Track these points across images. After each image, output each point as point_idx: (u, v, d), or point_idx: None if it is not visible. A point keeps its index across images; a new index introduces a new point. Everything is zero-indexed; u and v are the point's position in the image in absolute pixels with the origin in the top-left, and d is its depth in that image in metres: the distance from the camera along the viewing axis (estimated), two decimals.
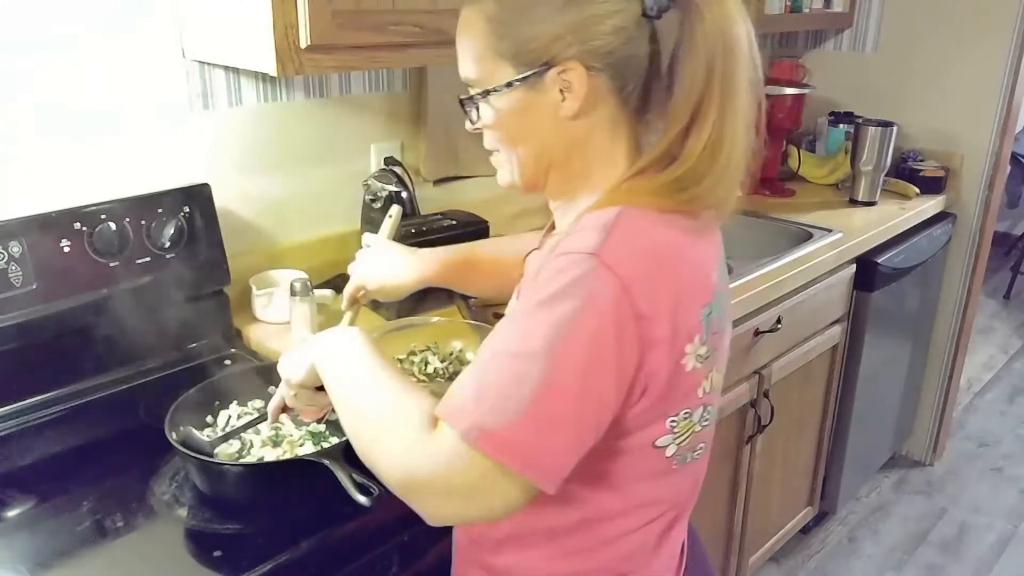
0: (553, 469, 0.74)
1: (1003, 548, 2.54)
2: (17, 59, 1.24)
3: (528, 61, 0.79)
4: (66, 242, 1.25)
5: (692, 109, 0.76)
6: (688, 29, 0.76)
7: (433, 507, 0.77)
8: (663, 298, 0.74)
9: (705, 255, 0.82)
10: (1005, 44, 2.42)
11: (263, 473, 1.05)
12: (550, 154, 0.84)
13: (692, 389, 0.81)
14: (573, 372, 0.72)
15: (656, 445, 0.82)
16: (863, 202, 2.41)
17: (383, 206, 1.59)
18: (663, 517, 0.90)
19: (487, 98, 0.83)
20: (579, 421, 0.74)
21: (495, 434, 0.71)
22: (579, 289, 0.72)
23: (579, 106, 0.79)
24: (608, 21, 0.76)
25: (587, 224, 0.77)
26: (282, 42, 1.17)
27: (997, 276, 4.57)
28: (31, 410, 1.24)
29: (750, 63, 0.77)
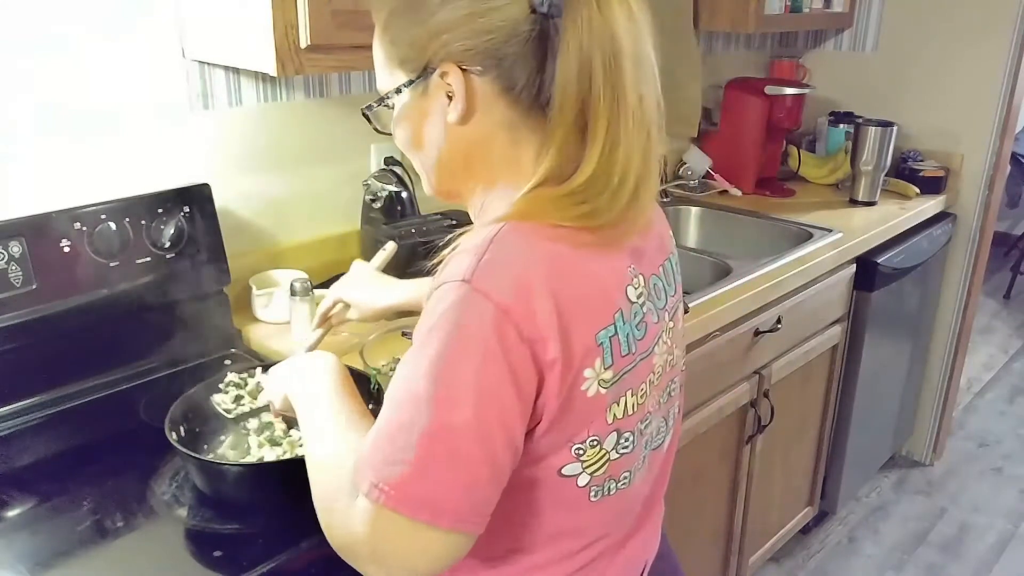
0: (469, 511, 0.70)
1: (1003, 548, 2.54)
2: (17, 59, 1.24)
3: (413, 66, 0.77)
4: (66, 242, 1.25)
5: (575, 112, 0.71)
6: (562, 26, 0.70)
7: (373, 573, 0.74)
8: (548, 319, 0.69)
9: (606, 272, 0.76)
10: (1005, 44, 2.42)
11: (263, 473, 1.05)
12: (450, 161, 0.81)
13: (597, 414, 0.76)
14: (466, 410, 0.68)
15: (563, 474, 0.77)
16: (863, 202, 2.41)
17: (383, 206, 1.59)
18: (596, 544, 0.85)
19: (381, 105, 0.82)
20: (485, 456, 0.69)
21: (397, 488, 0.68)
22: (455, 320, 0.68)
23: (463, 109, 0.75)
24: (485, 19, 0.72)
25: (463, 246, 0.73)
26: (282, 42, 1.17)
27: (997, 276, 4.57)
28: (31, 410, 1.24)
29: (639, 66, 0.73)
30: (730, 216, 2.32)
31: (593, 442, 0.77)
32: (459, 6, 0.73)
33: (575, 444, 0.76)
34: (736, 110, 2.45)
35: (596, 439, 0.77)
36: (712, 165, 2.50)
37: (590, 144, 0.72)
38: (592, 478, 0.79)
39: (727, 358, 1.78)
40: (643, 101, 0.73)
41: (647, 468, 0.87)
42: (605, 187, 0.72)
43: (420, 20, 0.75)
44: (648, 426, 0.84)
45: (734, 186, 2.47)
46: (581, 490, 0.79)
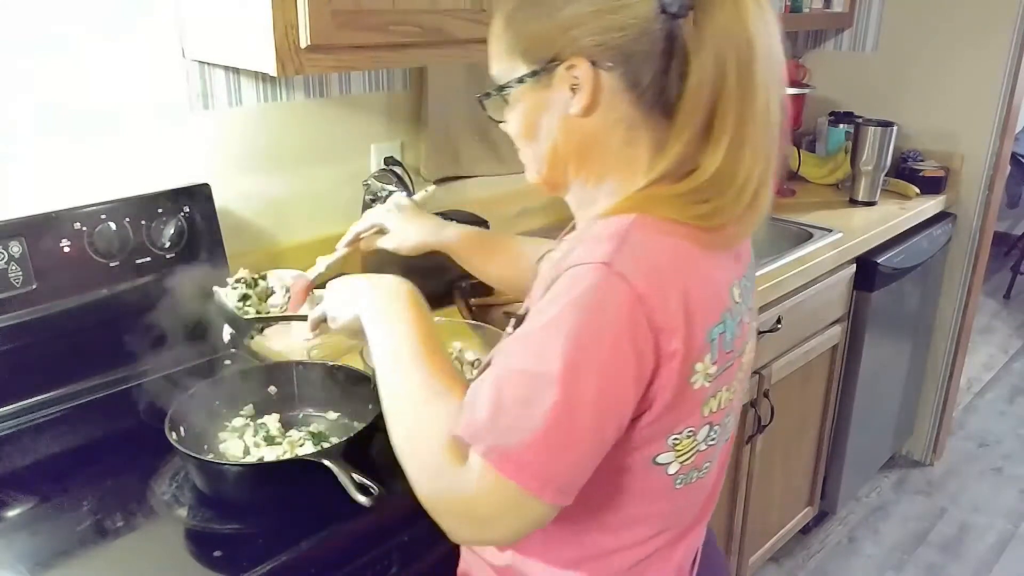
0: (570, 485, 0.73)
1: (1003, 548, 2.54)
2: (17, 59, 1.24)
3: (538, 57, 0.78)
4: (66, 242, 1.25)
5: (705, 112, 0.73)
6: (698, 27, 0.72)
7: (456, 529, 0.78)
8: (677, 311, 0.72)
9: (719, 271, 0.79)
10: (1005, 44, 2.42)
11: (263, 473, 1.05)
12: (565, 153, 0.82)
13: (696, 407, 0.78)
14: (590, 389, 0.70)
15: (656, 462, 0.80)
16: (863, 202, 2.41)
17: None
18: (665, 534, 0.88)
19: (501, 94, 0.83)
20: (596, 435, 0.72)
21: (514, 456, 0.71)
22: (592, 301, 0.70)
23: (587, 103, 0.77)
24: (617, 15, 0.74)
25: (598, 233, 0.75)
26: (282, 42, 1.17)
27: (997, 276, 4.57)
28: (31, 410, 1.24)
29: (771, 64, 0.74)
30: None
31: (689, 433, 0.79)
32: (591, 2, 0.74)
33: (672, 434, 0.79)
34: None
35: (692, 431, 0.80)
36: None
37: (714, 143, 0.73)
38: (681, 466, 0.81)
39: None
40: (770, 101, 0.74)
41: (717, 458, 0.90)
42: (728, 187, 0.74)
43: (548, 14, 0.76)
44: (728, 420, 0.87)
45: None
46: (668, 478, 0.81)
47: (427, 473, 0.78)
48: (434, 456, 0.76)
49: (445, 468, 0.75)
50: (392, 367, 0.84)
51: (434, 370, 0.82)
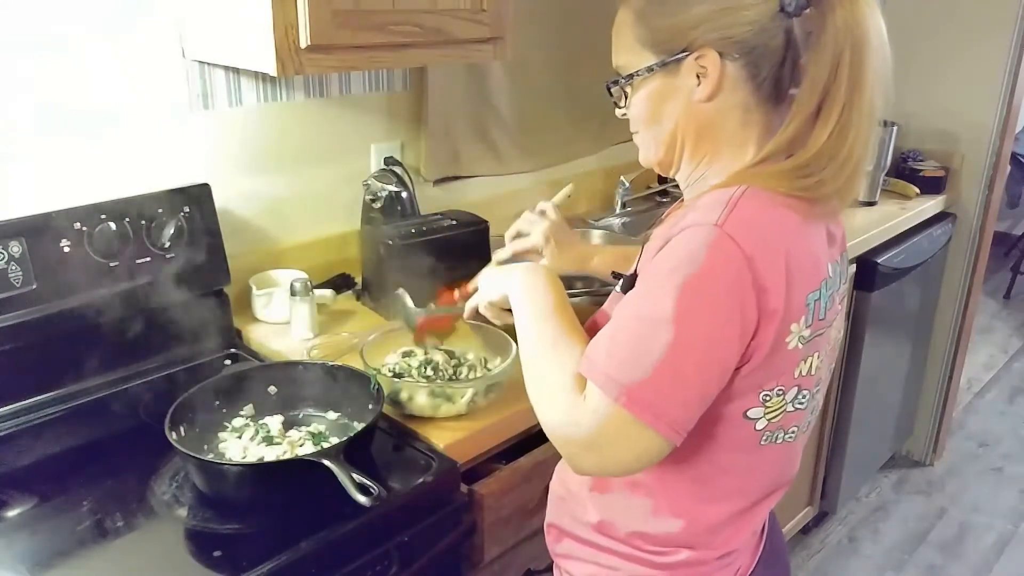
0: (679, 422, 0.80)
1: (1003, 548, 2.54)
2: (17, 59, 1.24)
3: (668, 49, 0.86)
4: (66, 242, 1.25)
5: (819, 99, 0.80)
6: (819, 23, 0.80)
7: (578, 460, 0.85)
8: (780, 273, 0.78)
9: (818, 243, 0.86)
10: (1005, 44, 2.42)
11: (263, 473, 1.05)
12: (684, 135, 0.90)
13: (789, 367, 0.85)
14: (699, 334, 0.78)
15: (747, 416, 0.86)
16: (863, 202, 2.41)
17: (383, 206, 1.59)
18: (747, 494, 0.94)
19: (630, 82, 0.90)
20: (703, 379, 0.80)
21: (631, 389, 0.78)
22: (704, 257, 0.77)
23: (712, 90, 0.85)
24: (745, 13, 0.82)
25: (710, 201, 0.82)
26: (282, 42, 1.17)
27: (997, 276, 4.57)
28: (31, 410, 1.24)
29: (880, 57, 0.81)
30: None
31: (779, 391, 0.86)
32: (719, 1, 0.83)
33: (764, 390, 0.85)
34: None
35: (781, 389, 0.86)
36: None
37: (820, 126, 0.81)
38: (768, 423, 0.88)
39: None
40: (875, 93, 0.82)
41: (807, 431, 0.97)
42: (830, 162, 0.81)
43: (681, 10, 0.84)
44: (818, 393, 0.93)
45: None
46: (756, 433, 0.88)
47: (553, 407, 0.86)
48: (558, 391, 0.85)
49: (568, 401, 0.83)
50: (531, 328, 0.94)
51: (565, 328, 0.91)
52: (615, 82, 0.92)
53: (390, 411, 1.22)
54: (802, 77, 0.83)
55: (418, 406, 1.21)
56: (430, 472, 1.11)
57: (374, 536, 1.05)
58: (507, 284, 1.02)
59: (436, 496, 1.12)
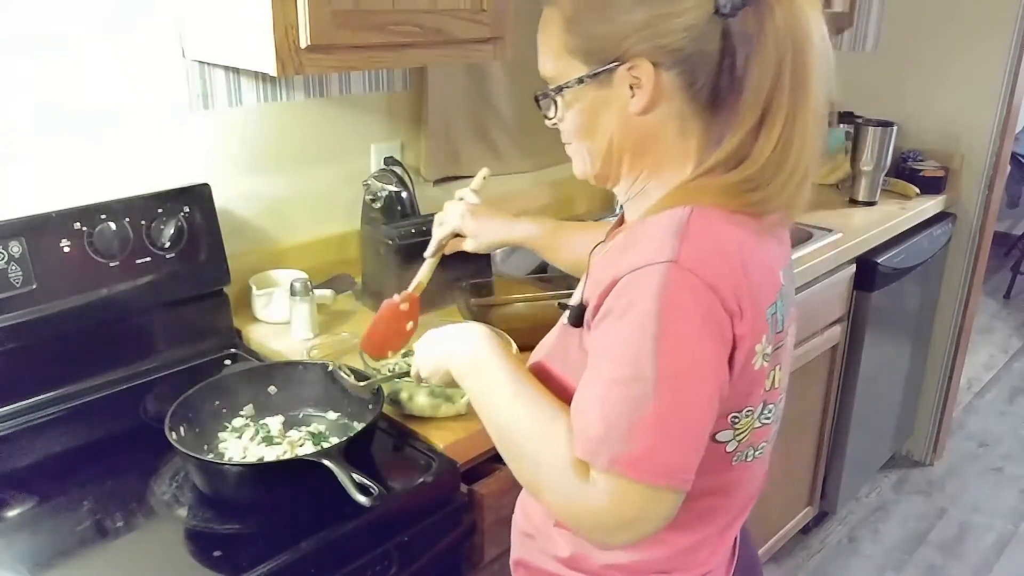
0: (692, 467, 0.77)
1: (1003, 548, 2.54)
2: (17, 59, 1.24)
3: (599, 58, 0.81)
4: (66, 242, 1.25)
5: (762, 107, 0.76)
6: (758, 26, 0.75)
7: (609, 540, 0.82)
8: (744, 296, 0.76)
9: (771, 255, 0.83)
10: (1005, 44, 2.42)
11: (263, 473, 1.05)
12: (620, 148, 0.85)
13: (757, 387, 0.82)
14: (689, 383, 0.74)
15: (716, 439, 0.83)
16: (863, 202, 2.41)
17: (383, 206, 1.59)
18: (721, 514, 0.91)
19: (560, 94, 0.85)
20: (702, 421, 0.77)
21: (639, 461, 0.74)
22: (669, 299, 0.73)
23: (647, 102, 0.80)
24: (679, 19, 0.77)
25: (657, 231, 0.77)
26: (282, 42, 1.17)
27: (997, 276, 4.56)
28: (31, 410, 1.24)
29: (824, 59, 0.77)
30: None
31: (748, 412, 0.83)
32: (651, 8, 0.77)
33: (733, 413, 0.82)
34: None
35: (751, 409, 0.83)
36: None
37: (765, 135, 0.77)
38: (739, 444, 0.85)
39: None
40: (820, 96, 0.77)
41: (772, 441, 0.93)
42: (776, 175, 0.77)
43: (612, 17, 0.79)
44: (781, 404, 0.91)
45: None
46: (728, 455, 0.85)
47: (563, 499, 0.80)
48: (562, 482, 0.79)
49: (578, 491, 0.78)
50: (498, 412, 0.87)
51: (538, 402, 0.84)
52: (544, 94, 0.87)
53: (390, 411, 1.22)
54: (743, 84, 0.77)
55: (418, 406, 1.21)
56: (430, 472, 1.11)
57: (374, 536, 1.05)
58: (450, 365, 0.95)
59: (436, 496, 1.12)
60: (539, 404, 0.84)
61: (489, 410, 0.88)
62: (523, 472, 0.85)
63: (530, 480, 0.85)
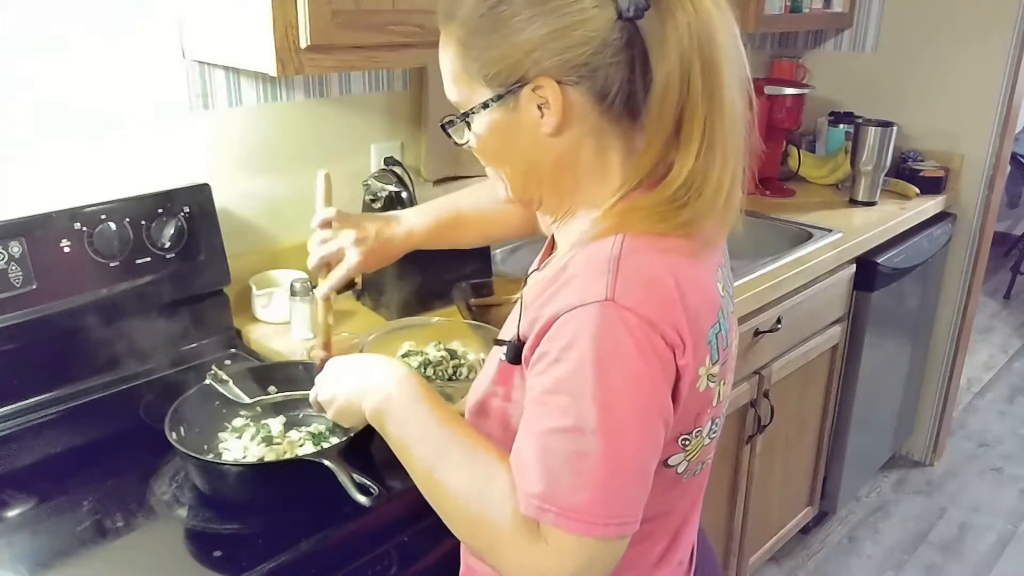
0: (638, 510, 0.75)
1: (1003, 548, 2.54)
2: (17, 59, 1.24)
3: (500, 81, 0.76)
4: (66, 242, 1.25)
5: (675, 114, 0.72)
6: (660, 29, 0.71)
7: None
8: (684, 326, 0.73)
9: (706, 274, 0.79)
10: (1005, 44, 2.42)
11: (263, 473, 1.05)
12: (538, 172, 0.81)
13: (705, 408, 0.80)
14: (632, 427, 0.72)
15: (668, 464, 0.81)
16: (863, 202, 2.41)
17: (383, 206, 1.58)
18: (668, 526, 0.89)
19: (467, 120, 0.80)
20: (648, 463, 0.75)
21: (585, 513, 0.71)
22: (607, 341, 0.70)
23: (557, 122, 0.76)
24: (577, 31, 0.72)
25: (589, 266, 0.73)
26: (282, 42, 1.17)
27: (997, 276, 4.57)
28: (31, 410, 1.24)
29: (736, 62, 0.73)
30: None
31: (697, 432, 0.81)
32: (548, 22, 0.72)
33: (683, 435, 0.80)
34: None
35: (700, 429, 0.82)
36: None
37: (684, 146, 0.73)
38: (689, 464, 0.84)
39: None
40: (737, 99, 0.74)
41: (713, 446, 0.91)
42: (703, 188, 0.73)
43: (506, 37, 0.74)
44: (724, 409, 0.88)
45: None
46: (678, 475, 0.84)
47: (511, 560, 0.76)
48: (510, 544, 0.76)
49: (528, 551, 0.74)
50: (426, 464, 0.82)
51: (472, 454, 0.80)
52: (450, 122, 0.82)
53: None
54: (652, 91, 0.72)
55: None
56: None
57: (374, 536, 1.05)
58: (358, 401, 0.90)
59: None
60: (474, 457, 0.80)
61: (416, 462, 0.83)
62: (463, 532, 0.81)
63: (471, 541, 0.81)
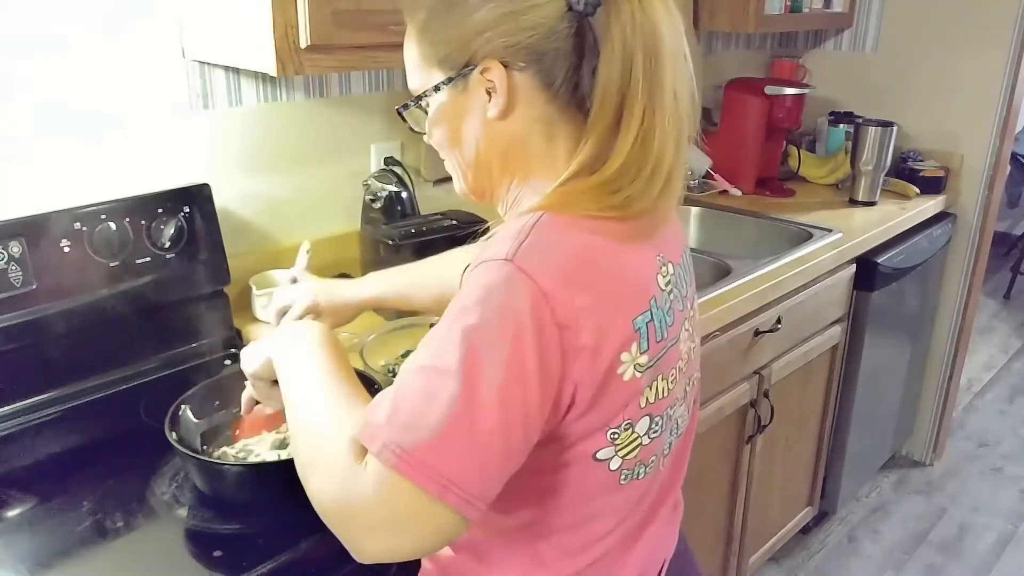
0: (473, 492, 0.69)
1: (1003, 548, 2.54)
2: (17, 59, 1.24)
3: (452, 64, 0.79)
4: (66, 242, 1.25)
5: (614, 108, 0.74)
6: (605, 23, 0.73)
7: (361, 542, 0.72)
8: (585, 305, 0.71)
9: (640, 261, 0.79)
10: (1005, 44, 2.42)
11: (263, 473, 1.05)
12: (488, 158, 0.83)
13: (632, 398, 0.77)
14: (491, 386, 0.68)
15: (597, 458, 0.78)
16: (863, 202, 2.41)
17: (383, 206, 1.59)
18: (619, 529, 0.86)
19: (419, 104, 0.83)
20: (500, 438, 0.69)
21: (412, 454, 0.67)
22: (494, 296, 0.69)
23: (503, 106, 0.78)
24: (526, 16, 0.75)
25: (504, 232, 0.74)
26: (282, 42, 1.17)
27: (997, 276, 4.57)
28: (31, 410, 1.24)
29: (679, 57, 0.75)
30: (730, 216, 2.32)
31: (627, 426, 0.79)
32: (499, 4, 0.75)
33: (610, 428, 0.78)
34: (736, 110, 2.45)
35: (630, 423, 0.79)
36: (712, 165, 2.50)
37: (622, 135, 0.74)
38: (624, 461, 0.80)
39: (727, 358, 1.78)
40: (679, 95, 0.75)
41: (671, 454, 0.89)
42: (637, 175, 0.74)
43: (460, 19, 0.77)
44: (675, 412, 0.86)
45: (734, 186, 2.48)
46: (612, 474, 0.80)
47: (328, 481, 0.73)
48: (332, 464, 0.73)
49: (344, 475, 0.71)
50: (299, 391, 0.83)
51: (344, 390, 0.80)
52: (405, 106, 0.84)
53: None
54: (596, 84, 0.75)
55: None
56: None
57: None
58: (267, 346, 0.91)
59: None
60: (344, 393, 0.80)
61: (292, 390, 0.83)
62: (299, 449, 0.79)
63: (303, 460, 0.78)
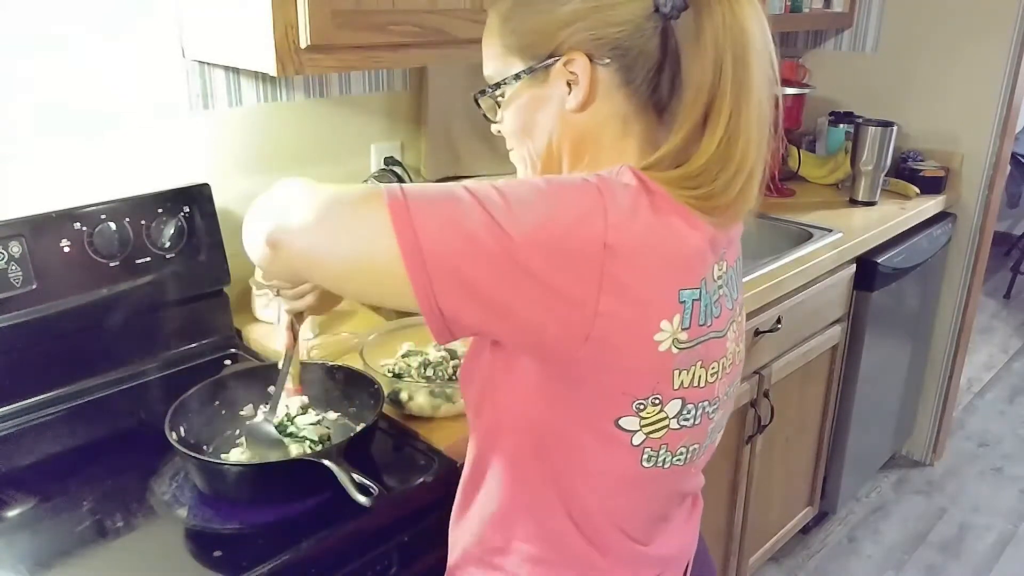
0: (435, 265, 0.68)
1: (1003, 548, 2.54)
2: (17, 59, 1.24)
3: (534, 53, 0.80)
4: (66, 242, 1.25)
5: (703, 108, 0.74)
6: (697, 25, 0.74)
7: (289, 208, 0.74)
8: (638, 248, 0.72)
9: (700, 243, 0.77)
10: (1005, 44, 2.42)
11: (263, 473, 1.05)
12: (559, 149, 0.84)
13: (664, 374, 0.77)
14: (512, 220, 0.69)
15: (619, 425, 0.77)
16: (863, 202, 2.41)
17: None
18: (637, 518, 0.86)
19: (497, 92, 0.84)
20: (494, 257, 0.69)
21: (403, 197, 0.69)
22: (563, 183, 0.73)
23: (583, 98, 0.79)
24: (613, 11, 0.76)
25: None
26: (282, 42, 1.17)
27: (997, 276, 4.57)
28: (31, 410, 1.24)
29: (765, 61, 0.75)
30: None
31: (655, 400, 0.77)
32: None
33: (637, 399, 0.77)
34: None
35: (658, 398, 0.78)
36: None
37: (708, 134, 0.74)
38: (647, 439, 0.79)
39: None
40: (763, 99, 0.75)
41: (705, 453, 0.89)
42: (720, 174, 0.74)
43: (547, 10, 0.78)
44: (716, 411, 0.85)
45: None
46: (634, 450, 0.79)
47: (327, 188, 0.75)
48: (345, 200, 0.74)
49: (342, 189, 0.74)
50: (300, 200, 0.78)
51: None
52: (482, 92, 0.85)
53: (390, 411, 1.22)
54: (684, 84, 0.77)
55: (418, 406, 1.21)
56: (430, 472, 1.11)
57: (374, 536, 1.05)
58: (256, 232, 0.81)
59: (436, 496, 1.12)
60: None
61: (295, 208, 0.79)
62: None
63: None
